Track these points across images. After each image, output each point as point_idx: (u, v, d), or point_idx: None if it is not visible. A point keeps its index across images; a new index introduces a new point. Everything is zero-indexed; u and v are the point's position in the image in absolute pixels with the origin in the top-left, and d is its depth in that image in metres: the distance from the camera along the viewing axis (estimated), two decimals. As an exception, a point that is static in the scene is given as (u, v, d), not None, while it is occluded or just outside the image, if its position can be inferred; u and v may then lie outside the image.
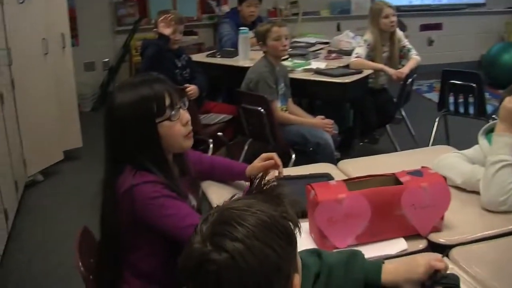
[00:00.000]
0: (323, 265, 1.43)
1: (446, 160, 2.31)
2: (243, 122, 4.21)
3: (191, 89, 4.21)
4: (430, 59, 7.25)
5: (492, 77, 7.12)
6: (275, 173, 2.21)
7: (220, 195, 1.18)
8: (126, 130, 1.79)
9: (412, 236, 1.90)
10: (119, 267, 1.91)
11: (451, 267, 1.68)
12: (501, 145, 2.10)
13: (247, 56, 4.78)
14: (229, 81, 4.77)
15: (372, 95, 4.70)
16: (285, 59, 4.54)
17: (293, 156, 3.98)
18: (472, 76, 4.43)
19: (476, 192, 2.15)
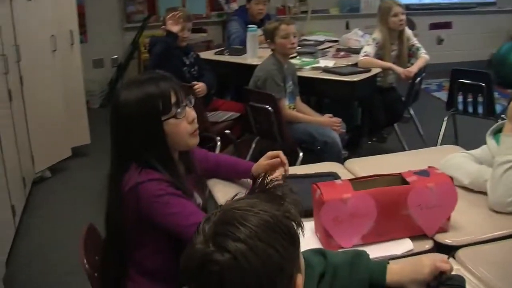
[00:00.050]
0: (328, 265, 1.43)
1: (453, 160, 2.29)
2: (251, 120, 4.21)
3: (199, 87, 4.21)
4: (440, 58, 7.22)
5: (502, 77, 7.07)
6: (281, 171, 2.20)
7: (226, 193, 1.18)
8: (132, 128, 1.79)
9: (418, 237, 1.89)
10: (124, 265, 1.91)
11: (457, 268, 1.67)
12: (509, 145, 2.09)
13: (255, 54, 4.78)
14: (237, 79, 4.76)
15: (381, 94, 4.68)
16: (293, 57, 4.53)
17: (301, 155, 3.98)
18: (482, 76, 4.41)
19: (484, 193, 2.13)
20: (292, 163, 3.82)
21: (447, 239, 1.89)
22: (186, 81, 4.18)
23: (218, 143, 4.30)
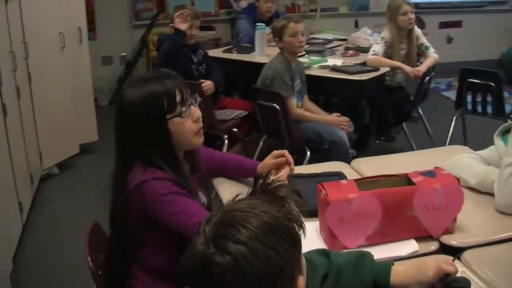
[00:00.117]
0: (332, 266, 1.42)
1: (461, 161, 2.27)
2: (259, 119, 4.20)
3: (207, 85, 4.20)
4: (449, 57, 7.19)
5: (512, 76, 7.04)
6: (287, 171, 2.19)
7: (232, 192, 1.16)
8: (136, 126, 1.79)
9: (424, 238, 1.88)
10: (128, 263, 1.91)
11: (463, 270, 1.66)
12: (517, 146, 2.07)
13: (264, 52, 4.77)
14: (245, 77, 4.75)
15: (389, 93, 4.66)
16: (302, 56, 4.52)
17: (308, 153, 3.97)
18: (491, 75, 4.38)
19: (490, 194, 2.11)
20: (300, 162, 3.84)
21: (453, 241, 1.88)
22: (194, 79, 4.18)
23: (226, 141, 4.29)
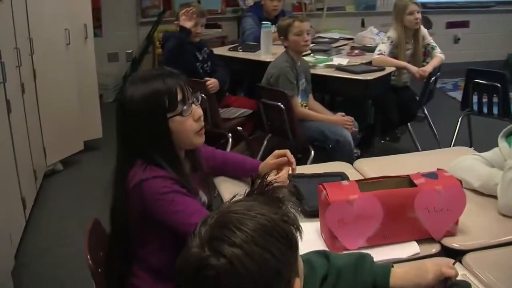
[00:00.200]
0: (331, 267, 1.42)
1: (464, 162, 2.25)
2: (263, 117, 4.19)
3: (211, 83, 4.19)
4: (456, 57, 7.16)
5: (518, 77, 6.99)
6: (287, 171, 2.18)
7: (233, 191, 1.16)
8: (137, 124, 1.78)
9: (425, 240, 1.86)
10: (129, 261, 1.90)
11: (463, 273, 1.64)
12: (522, 149, 2.06)
13: (269, 51, 4.75)
14: (251, 76, 4.74)
15: (394, 93, 4.64)
16: (307, 55, 4.50)
17: (312, 153, 3.95)
18: (497, 76, 4.35)
19: (493, 196, 2.09)
20: (304, 161, 3.83)
21: (455, 243, 1.86)
22: (199, 77, 4.17)
23: (230, 140, 4.29)
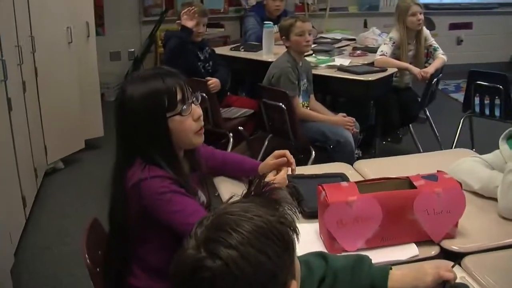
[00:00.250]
0: (329, 269, 1.42)
1: (464, 164, 2.25)
2: (264, 117, 4.18)
3: (213, 82, 4.18)
4: (459, 59, 7.16)
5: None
6: (285, 171, 2.17)
7: (232, 192, 1.15)
8: (136, 124, 1.77)
9: (424, 242, 1.85)
10: (127, 260, 1.90)
11: (462, 276, 1.64)
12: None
13: (271, 51, 4.74)
14: (253, 75, 4.73)
15: (396, 94, 4.63)
16: (309, 55, 4.49)
17: (313, 153, 3.95)
18: (499, 78, 4.34)
19: (494, 198, 2.09)
20: (305, 162, 3.82)
21: (454, 246, 1.85)
22: (201, 76, 4.17)
23: (231, 140, 4.29)
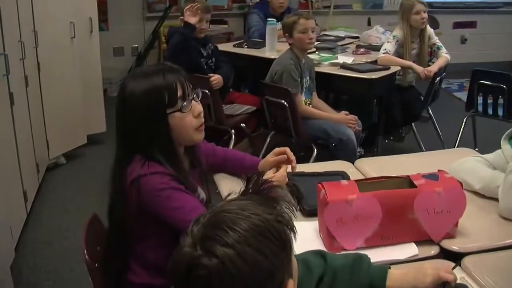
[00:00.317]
0: (328, 268, 1.41)
1: (465, 164, 2.24)
2: (266, 114, 4.18)
3: (215, 79, 4.17)
4: (462, 58, 7.14)
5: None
6: (285, 169, 2.17)
7: (232, 189, 1.14)
8: (137, 119, 1.77)
9: (424, 242, 1.85)
10: (126, 257, 1.89)
11: (462, 276, 1.63)
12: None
13: (274, 48, 4.73)
14: (255, 72, 4.72)
15: (399, 92, 4.63)
16: (312, 52, 4.48)
17: (315, 151, 3.94)
18: (503, 77, 4.33)
19: (494, 199, 2.08)
20: (306, 160, 3.81)
21: (454, 246, 1.84)
22: (203, 73, 4.16)
23: (233, 136, 4.28)
